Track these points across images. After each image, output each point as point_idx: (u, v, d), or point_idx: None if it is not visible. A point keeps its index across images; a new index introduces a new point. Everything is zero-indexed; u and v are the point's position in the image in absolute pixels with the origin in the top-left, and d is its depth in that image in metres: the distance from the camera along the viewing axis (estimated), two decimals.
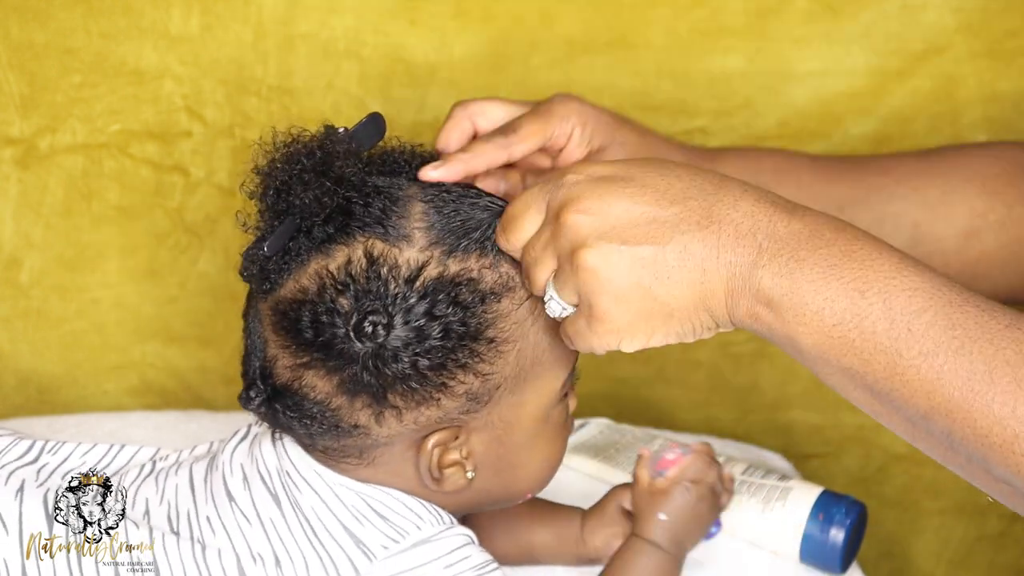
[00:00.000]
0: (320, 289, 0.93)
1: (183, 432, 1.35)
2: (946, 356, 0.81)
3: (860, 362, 0.84)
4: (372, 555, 0.95)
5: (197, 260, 1.42)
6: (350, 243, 0.93)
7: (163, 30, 1.32)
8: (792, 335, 0.86)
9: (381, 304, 0.91)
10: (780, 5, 1.36)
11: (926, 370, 0.82)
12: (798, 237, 0.87)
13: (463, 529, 0.99)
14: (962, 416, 0.81)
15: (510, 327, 0.95)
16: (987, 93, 1.39)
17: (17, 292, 1.41)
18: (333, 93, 1.36)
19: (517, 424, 0.98)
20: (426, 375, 0.92)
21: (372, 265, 0.92)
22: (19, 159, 1.35)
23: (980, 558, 1.58)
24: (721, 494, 1.14)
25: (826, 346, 0.85)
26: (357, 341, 0.91)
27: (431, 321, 0.92)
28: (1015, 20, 1.36)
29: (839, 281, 0.85)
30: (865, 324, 0.83)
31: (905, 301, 0.83)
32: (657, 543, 1.08)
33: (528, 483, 1.02)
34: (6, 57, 1.32)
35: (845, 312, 0.84)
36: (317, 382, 0.94)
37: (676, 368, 1.51)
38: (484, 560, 0.98)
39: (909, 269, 0.85)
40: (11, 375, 1.44)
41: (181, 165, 1.38)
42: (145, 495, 1.02)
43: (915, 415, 0.83)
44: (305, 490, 0.98)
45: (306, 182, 0.92)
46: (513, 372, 0.96)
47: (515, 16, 1.35)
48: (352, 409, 0.94)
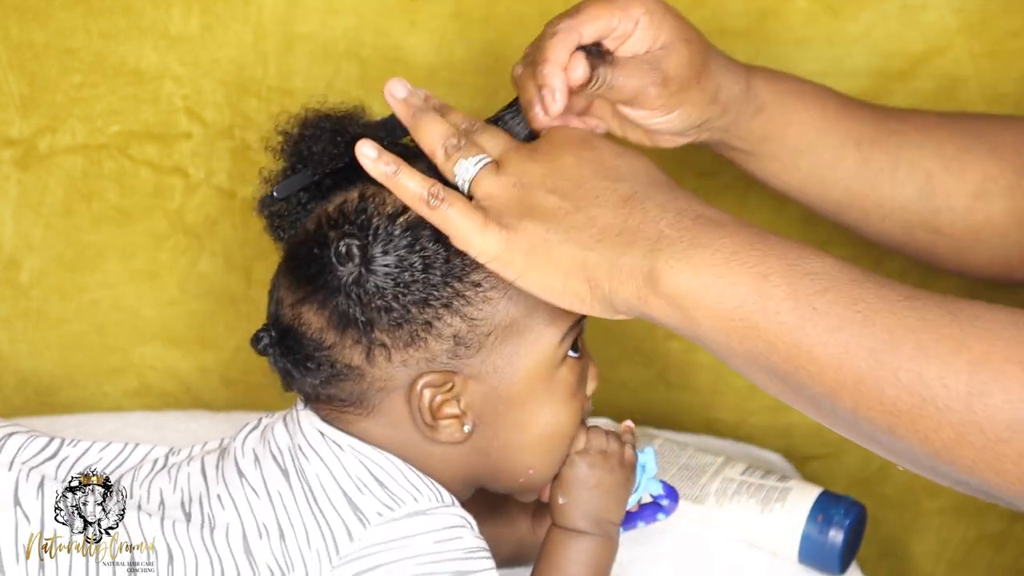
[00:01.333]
0: (316, 227, 0.98)
1: (183, 432, 1.35)
2: (851, 330, 0.83)
3: (764, 344, 0.86)
4: (367, 521, 0.96)
5: (197, 262, 1.42)
6: (349, 190, 0.99)
7: (163, 30, 1.32)
8: (691, 319, 0.88)
9: (360, 231, 0.96)
10: (780, 6, 1.36)
11: (832, 345, 0.83)
12: (701, 227, 0.89)
13: (462, 511, 0.99)
14: (868, 388, 0.83)
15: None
16: (988, 94, 1.39)
17: (16, 293, 1.41)
18: (333, 94, 1.34)
19: (514, 378, 0.98)
20: (409, 310, 0.95)
21: (361, 202, 0.97)
22: (19, 160, 1.35)
23: (980, 558, 1.57)
24: (623, 452, 1.05)
25: (728, 329, 0.87)
26: (338, 265, 0.95)
27: (411, 254, 0.95)
28: (1016, 21, 1.36)
29: (742, 266, 0.86)
30: (769, 305, 0.85)
31: (808, 283, 0.85)
32: (574, 527, 1.04)
33: (531, 454, 1.01)
34: (6, 57, 1.32)
35: (748, 295, 0.86)
36: (311, 318, 0.98)
37: (677, 370, 1.51)
38: (477, 545, 0.98)
39: (810, 254, 0.87)
40: (10, 376, 1.44)
41: (181, 166, 1.38)
42: (159, 486, 1.03)
43: (820, 394, 0.85)
44: (312, 458, 0.99)
45: (319, 137, 1.00)
46: (504, 321, 0.97)
47: (515, 17, 1.35)
48: (343, 346, 0.97)
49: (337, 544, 0.96)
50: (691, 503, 1.25)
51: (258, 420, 1.07)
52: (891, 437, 0.83)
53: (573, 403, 1.02)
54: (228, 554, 0.98)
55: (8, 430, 1.07)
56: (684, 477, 1.27)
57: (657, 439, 1.34)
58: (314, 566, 0.96)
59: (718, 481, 1.26)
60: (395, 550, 0.95)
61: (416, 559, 0.95)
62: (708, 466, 1.28)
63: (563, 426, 1.02)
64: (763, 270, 0.86)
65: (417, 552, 0.95)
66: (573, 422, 1.02)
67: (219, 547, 0.98)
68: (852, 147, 1.16)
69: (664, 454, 1.31)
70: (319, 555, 0.96)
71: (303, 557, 0.96)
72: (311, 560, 0.96)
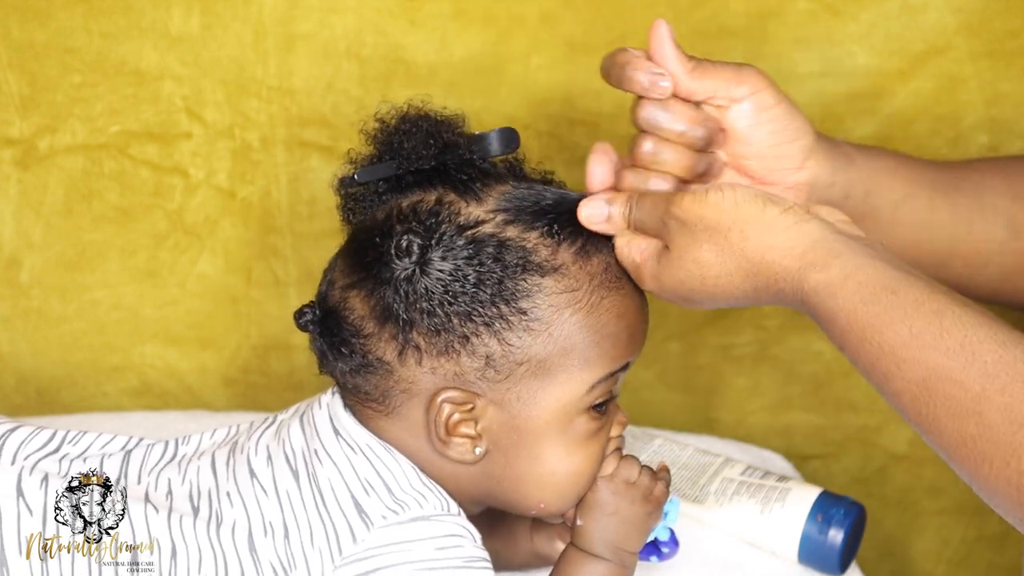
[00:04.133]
0: (385, 217, 0.99)
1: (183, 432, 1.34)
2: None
3: None
4: (371, 523, 0.96)
5: (197, 261, 1.42)
6: (428, 191, 1.00)
7: (163, 30, 1.32)
8: None
9: (425, 231, 0.97)
10: (780, 6, 1.36)
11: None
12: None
13: (466, 523, 0.99)
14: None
15: (546, 307, 0.97)
16: (988, 94, 1.39)
17: (17, 292, 1.41)
18: (333, 94, 1.36)
19: (535, 414, 0.98)
20: (451, 320, 0.96)
21: (436, 205, 0.98)
22: (19, 159, 1.36)
23: (980, 558, 1.57)
24: (653, 488, 1.05)
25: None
26: (395, 258, 0.96)
27: (468, 266, 0.96)
28: (1016, 20, 1.36)
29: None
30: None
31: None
32: (589, 550, 1.04)
33: (540, 489, 1.01)
34: (6, 57, 1.32)
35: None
36: (357, 303, 0.99)
37: (677, 370, 1.51)
38: (477, 555, 0.97)
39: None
40: (11, 375, 1.44)
41: (181, 166, 1.38)
42: (168, 476, 1.03)
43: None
44: (326, 462, 0.99)
45: (413, 133, 1.00)
46: (539, 355, 0.97)
47: (515, 17, 1.35)
48: (380, 339, 0.98)
49: (340, 544, 0.96)
50: (691, 503, 1.25)
51: (273, 417, 1.07)
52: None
53: (588, 449, 1.01)
54: (232, 551, 0.98)
55: (11, 425, 1.07)
56: (684, 477, 1.27)
57: (657, 439, 1.34)
58: (316, 565, 0.96)
59: (718, 481, 1.26)
60: (396, 553, 0.95)
61: (415, 564, 0.95)
62: (708, 466, 1.28)
63: (574, 467, 1.01)
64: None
65: (417, 557, 0.95)
66: (585, 467, 1.01)
67: (224, 543, 0.98)
68: (939, 194, 1.16)
69: (664, 454, 1.31)
70: (321, 554, 0.96)
71: (305, 556, 0.97)
72: (313, 559, 0.96)
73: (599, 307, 0.99)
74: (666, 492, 1.06)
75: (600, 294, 0.99)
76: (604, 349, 0.99)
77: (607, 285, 0.99)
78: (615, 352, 1.00)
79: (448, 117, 1.02)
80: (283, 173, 1.39)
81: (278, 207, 1.40)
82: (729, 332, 1.48)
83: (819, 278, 0.91)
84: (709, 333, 1.49)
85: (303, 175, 1.39)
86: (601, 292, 0.99)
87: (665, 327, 1.47)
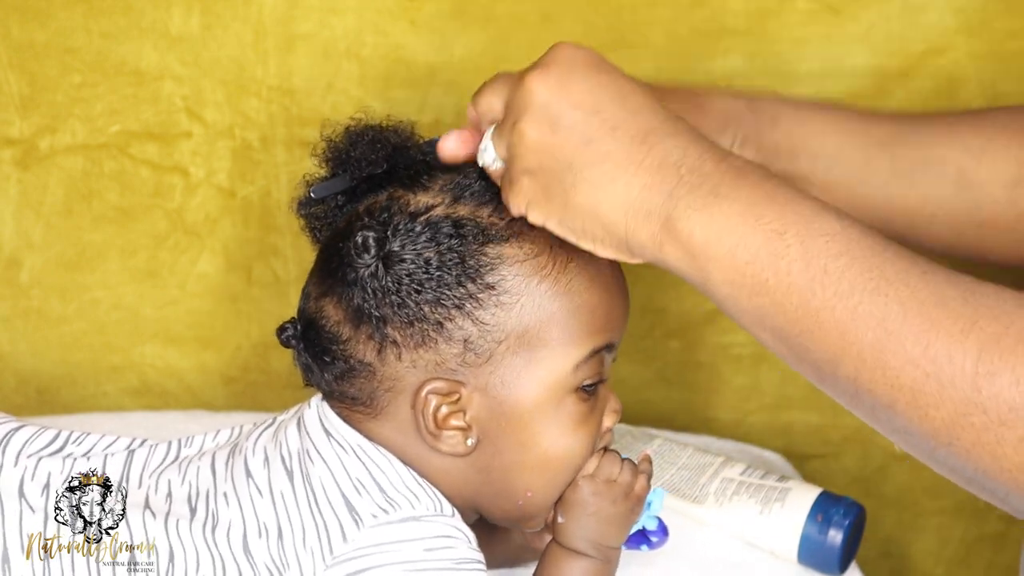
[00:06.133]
0: (346, 224, 1.01)
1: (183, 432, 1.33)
2: (861, 296, 0.82)
3: (772, 303, 0.84)
4: (361, 522, 0.96)
5: (197, 261, 1.42)
6: (380, 192, 1.01)
7: (163, 30, 1.32)
8: (703, 269, 0.86)
9: (380, 225, 0.98)
10: (780, 6, 1.36)
11: (840, 310, 0.82)
12: (723, 175, 0.87)
13: (460, 523, 0.99)
14: (873, 357, 0.81)
15: (512, 278, 0.96)
16: (988, 94, 1.39)
17: (17, 292, 1.41)
18: (333, 94, 1.36)
19: (522, 395, 0.98)
20: (422, 308, 0.96)
21: (387, 201, 0.99)
22: (19, 159, 1.36)
23: (980, 558, 1.58)
24: (634, 484, 1.04)
25: (738, 283, 0.85)
26: (355, 257, 0.97)
27: (427, 250, 0.96)
28: (1016, 21, 1.36)
29: (757, 220, 0.85)
30: (780, 264, 0.84)
31: (823, 244, 0.83)
32: (571, 547, 1.03)
33: (529, 477, 1.00)
34: (6, 57, 1.32)
35: (760, 250, 0.84)
36: (331, 311, 0.99)
37: (676, 369, 1.51)
38: (469, 557, 0.97)
39: (830, 214, 0.85)
40: (11, 375, 1.44)
41: (181, 166, 1.38)
42: (168, 478, 1.03)
43: (823, 360, 0.83)
44: (317, 462, 0.99)
45: (359, 143, 1.02)
46: (516, 331, 0.97)
47: (515, 17, 1.35)
48: (358, 341, 0.98)
49: (332, 544, 0.96)
50: (691, 503, 1.25)
51: (273, 418, 1.07)
52: (890, 412, 0.82)
53: (580, 432, 1.00)
54: (228, 552, 0.98)
55: (15, 424, 1.07)
56: (684, 477, 1.27)
57: (657, 439, 1.34)
58: (308, 566, 0.96)
59: (718, 481, 1.26)
60: (384, 553, 0.95)
61: (403, 565, 0.95)
62: (708, 466, 1.28)
63: (566, 452, 1.00)
64: (779, 227, 0.84)
65: (405, 558, 0.95)
66: (577, 451, 1.01)
67: (220, 545, 0.98)
68: (877, 148, 1.15)
69: (664, 454, 1.31)
70: (313, 555, 0.96)
71: (298, 556, 0.96)
72: (305, 560, 0.96)
73: (567, 272, 0.98)
74: (647, 487, 1.05)
75: (565, 257, 0.98)
76: (582, 321, 0.98)
77: (568, 247, 0.96)
78: (594, 325, 0.99)
79: (393, 124, 1.03)
80: (283, 173, 1.39)
81: (278, 206, 1.40)
82: (728, 331, 1.48)
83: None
84: (708, 332, 1.49)
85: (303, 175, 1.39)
86: (565, 255, 0.98)
87: (664, 325, 1.47)
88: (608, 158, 0.89)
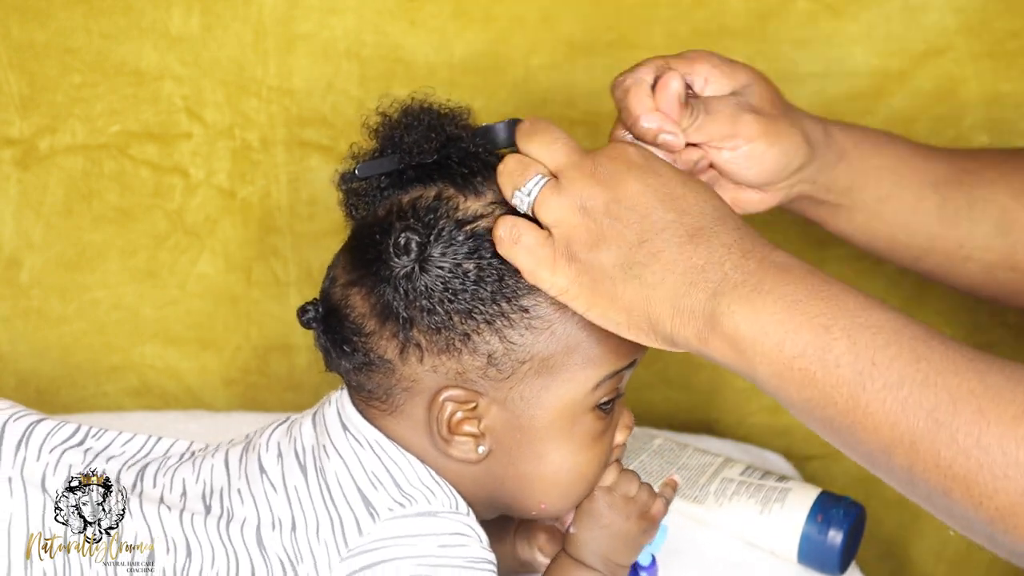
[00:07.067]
0: (386, 214, 0.98)
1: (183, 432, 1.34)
2: (911, 388, 0.81)
3: (821, 395, 0.84)
4: (377, 515, 0.96)
5: (197, 262, 1.42)
6: (428, 186, 0.98)
7: (163, 30, 1.32)
8: (750, 364, 0.86)
9: (424, 228, 0.95)
10: (781, 6, 1.35)
11: (891, 402, 0.82)
12: (765, 271, 0.87)
13: (474, 523, 0.98)
14: (924, 448, 0.81)
15: (547, 305, 0.95)
16: (989, 94, 1.39)
17: (17, 292, 1.41)
18: (333, 94, 1.36)
19: (539, 413, 0.97)
20: (452, 318, 0.95)
21: (435, 201, 0.97)
22: (19, 159, 1.35)
23: (980, 558, 1.57)
24: (651, 505, 1.06)
25: (786, 377, 0.85)
26: (393, 256, 0.95)
27: (467, 262, 0.95)
28: (1016, 21, 1.36)
29: (803, 315, 0.85)
30: (828, 357, 0.83)
31: (870, 337, 0.83)
32: (580, 558, 1.04)
33: (542, 490, 1.00)
34: (6, 57, 1.32)
35: (808, 345, 0.84)
36: (358, 301, 0.98)
37: (677, 370, 1.51)
38: (481, 556, 0.97)
39: (875, 308, 0.85)
40: (10, 376, 1.44)
41: (181, 166, 1.38)
42: (182, 476, 1.03)
43: (876, 450, 0.83)
44: (333, 456, 0.99)
45: (415, 127, 0.99)
46: (542, 353, 0.96)
47: (515, 17, 1.35)
48: (381, 337, 0.97)
49: (346, 537, 0.96)
50: (691, 503, 1.25)
51: (287, 417, 1.06)
52: (947, 500, 0.82)
53: (594, 449, 1.00)
54: (243, 547, 0.98)
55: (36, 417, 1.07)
56: (684, 477, 1.27)
57: (657, 439, 1.34)
58: (323, 558, 0.96)
59: (718, 481, 1.26)
60: (399, 547, 0.95)
61: (417, 559, 0.95)
62: (708, 466, 1.28)
63: (579, 468, 1.00)
64: (825, 321, 0.84)
65: (420, 553, 0.95)
66: (590, 467, 1.01)
67: (234, 540, 0.98)
68: (929, 189, 1.14)
69: (664, 454, 1.31)
70: (327, 547, 0.96)
71: (311, 549, 0.96)
72: (319, 552, 0.96)
73: None
74: (664, 510, 1.06)
75: None
76: (608, 347, 0.97)
77: None
78: (620, 350, 0.98)
79: (452, 109, 1.00)
80: (283, 173, 1.39)
81: (278, 207, 1.40)
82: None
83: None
84: None
85: (303, 175, 1.39)
86: None
87: None
88: (657, 259, 0.89)
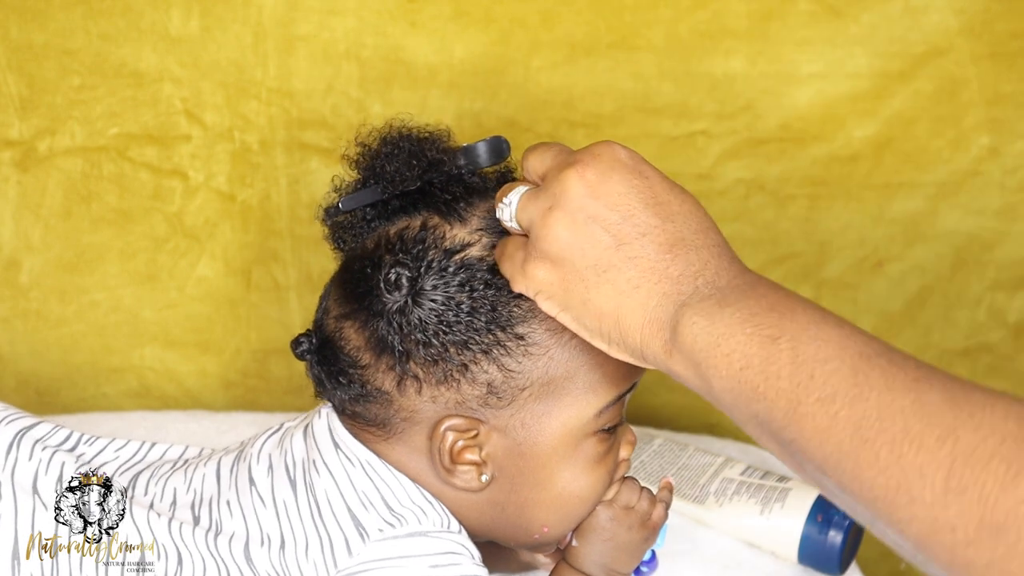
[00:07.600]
0: (375, 247, 0.98)
1: (183, 432, 1.35)
2: (842, 403, 0.77)
3: (764, 408, 0.80)
4: (367, 536, 0.95)
5: (196, 264, 1.42)
6: (414, 215, 0.98)
7: (163, 32, 1.32)
8: (705, 378, 0.83)
9: (413, 261, 0.95)
10: (782, 7, 1.35)
11: (821, 417, 0.77)
12: (733, 288, 0.85)
13: (467, 541, 0.98)
14: (851, 467, 0.76)
15: (543, 331, 0.95)
16: (990, 95, 1.38)
17: (16, 294, 1.41)
18: (333, 95, 1.36)
19: (541, 439, 0.97)
20: (448, 349, 0.94)
21: (421, 231, 0.96)
22: (18, 161, 1.36)
23: None
24: (651, 512, 1.06)
25: (735, 391, 0.82)
26: (385, 291, 0.95)
27: (460, 293, 0.94)
28: (1017, 22, 1.36)
29: (754, 327, 0.82)
30: (771, 370, 0.80)
31: (814, 349, 0.79)
32: (581, 570, 1.04)
33: (545, 514, 1.00)
34: (5, 58, 1.32)
35: (754, 357, 0.81)
36: (352, 335, 0.97)
37: None
38: (472, 574, 0.96)
39: (828, 323, 0.81)
40: (10, 377, 1.44)
41: (180, 169, 1.38)
42: (174, 485, 1.03)
43: (813, 467, 0.79)
44: (323, 474, 0.98)
45: (395, 155, 0.98)
46: (541, 379, 0.95)
47: (516, 18, 1.35)
48: (377, 370, 0.96)
49: (336, 557, 0.95)
50: (691, 503, 1.24)
51: (280, 424, 1.06)
52: (878, 524, 0.77)
53: (597, 471, 1.00)
54: (231, 560, 0.98)
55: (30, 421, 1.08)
56: (684, 477, 1.27)
57: (657, 439, 1.34)
58: None
59: (718, 481, 1.26)
60: (388, 569, 0.95)
61: None
62: (708, 466, 1.28)
63: (583, 491, 1.00)
64: (774, 332, 0.81)
65: (410, 574, 0.95)
66: (595, 489, 1.01)
67: (222, 552, 0.98)
68: None
69: (664, 454, 1.31)
70: (316, 567, 0.96)
71: (300, 568, 0.96)
72: (308, 570, 0.96)
73: None
74: (664, 516, 1.06)
75: None
76: (608, 371, 0.96)
77: None
78: (620, 373, 0.97)
79: (431, 133, 0.99)
80: (283, 176, 1.39)
81: (278, 210, 1.40)
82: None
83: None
84: None
85: (303, 178, 1.39)
86: None
87: None
88: (634, 264, 0.87)
